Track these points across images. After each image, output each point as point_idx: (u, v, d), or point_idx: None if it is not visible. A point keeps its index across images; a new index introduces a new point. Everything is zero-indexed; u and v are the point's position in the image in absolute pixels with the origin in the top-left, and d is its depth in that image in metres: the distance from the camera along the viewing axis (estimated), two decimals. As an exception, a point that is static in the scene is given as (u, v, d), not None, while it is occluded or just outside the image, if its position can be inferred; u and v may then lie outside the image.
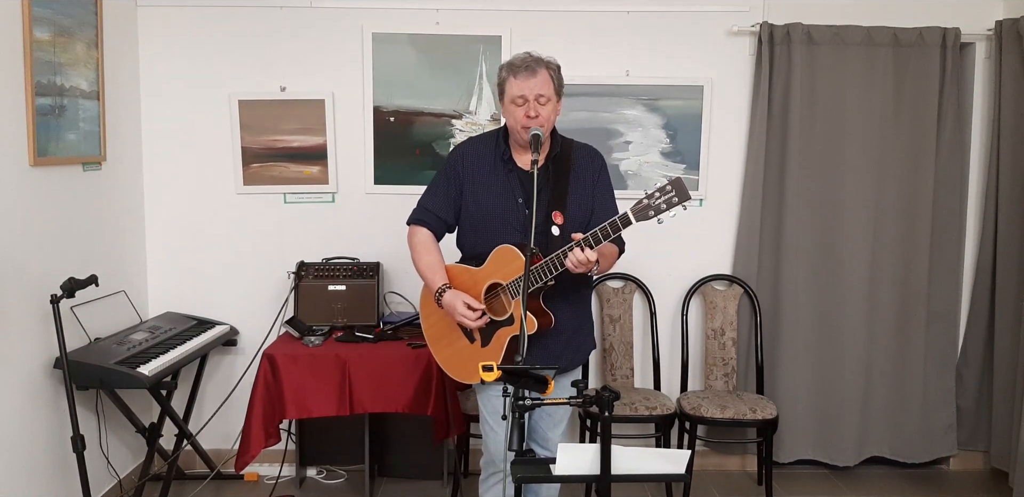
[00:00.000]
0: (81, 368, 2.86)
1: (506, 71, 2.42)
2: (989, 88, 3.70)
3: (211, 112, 3.66)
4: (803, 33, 3.57)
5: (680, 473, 1.82)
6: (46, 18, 2.87)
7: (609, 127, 3.70)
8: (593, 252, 2.19)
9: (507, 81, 2.41)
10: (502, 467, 2.49)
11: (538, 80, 2.37)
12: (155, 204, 3.72)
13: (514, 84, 2.38)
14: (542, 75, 2.38)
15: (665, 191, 2.09)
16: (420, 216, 2.58)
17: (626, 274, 3.72)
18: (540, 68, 2.38)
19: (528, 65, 2.38)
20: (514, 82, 2.38)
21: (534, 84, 2.36)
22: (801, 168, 3.65)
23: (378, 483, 3.68)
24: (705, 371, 3.78)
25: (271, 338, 3.48)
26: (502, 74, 2.43)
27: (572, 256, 2.19)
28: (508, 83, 2.40)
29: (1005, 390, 3.62)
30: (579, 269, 2.21)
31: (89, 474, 2.80)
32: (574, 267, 2.21)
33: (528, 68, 2.37)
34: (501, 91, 2.45)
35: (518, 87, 2.37)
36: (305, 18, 3.64)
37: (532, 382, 1.84)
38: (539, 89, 2.37)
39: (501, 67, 2.46)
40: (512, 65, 2.41)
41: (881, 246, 3.71)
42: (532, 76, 2.36)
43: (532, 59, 2.40)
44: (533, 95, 2.36)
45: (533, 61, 2.39)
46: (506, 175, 2.49)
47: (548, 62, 2.42)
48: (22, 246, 2.79)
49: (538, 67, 2.38)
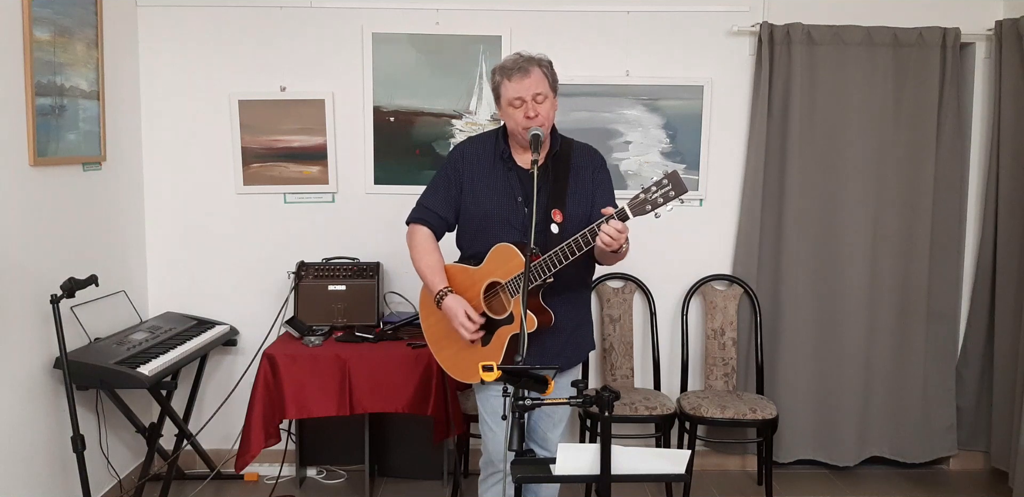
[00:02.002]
0: (81, 368, 2.86)
1: (499, 75, 2.40)
2: (989, 88, 3.70)
3: (211, 112, 3.66)
4: (803, 33, 3.57)
5: (680, 473, 1.82)
6: (46, 18, 2.87)
7: (609, 127, 3.70)
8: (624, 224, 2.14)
9: (502, 84, 2.39)
10: (501, 467, 2.49)
11: (532, 79, 2.36)
12: (155, 204, 3.72)
13: (509, 87, 2.37)
14: (535, 74, 2.37)
15: (662, 185, 2.08)
16: (420, 215, 2.58)
17: (626, 274, 3.72)
18: (532, 67, 2.37)
19: (520, 66, 2.36)
20: (509, 85, 2.37)
21: (529, 84, 2.35)
22: (801, 168, 3.66)
23: (378, 483, 3.68)
24: (705, 371, 3.78)
25: (271, 338, 3.49)
26: (496, 78, 2.42)
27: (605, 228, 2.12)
28: (503, 86, 2.39)
29: (1005, 390, 3.62)
30: (614, 241, 2.13)
31: (89, 474, 2.80)
32: (610, 238, 2.12)
33: (520, 69, 2.36)
34: (497, 95, 2.44)
35: (513, 89, 2.36)
36: (305, 18, 3.64)
37: (532, 382, 1.84)
38: (535, 88, 2.36)
39: (493, 71, 2.44)
40: (504, 68, 2.39)
41: (881, 246, 3.71)
42: (526, 76, 2.35)
43: (523, 59, 2.39)
44: (530, 95, 2.35)
45: (524, 61, 2.38)
46: (506, 174, 2.48)
47: (539, 60, 2.40)
48: (22, 246, 2.79)
49: (530, 66, 2.37)
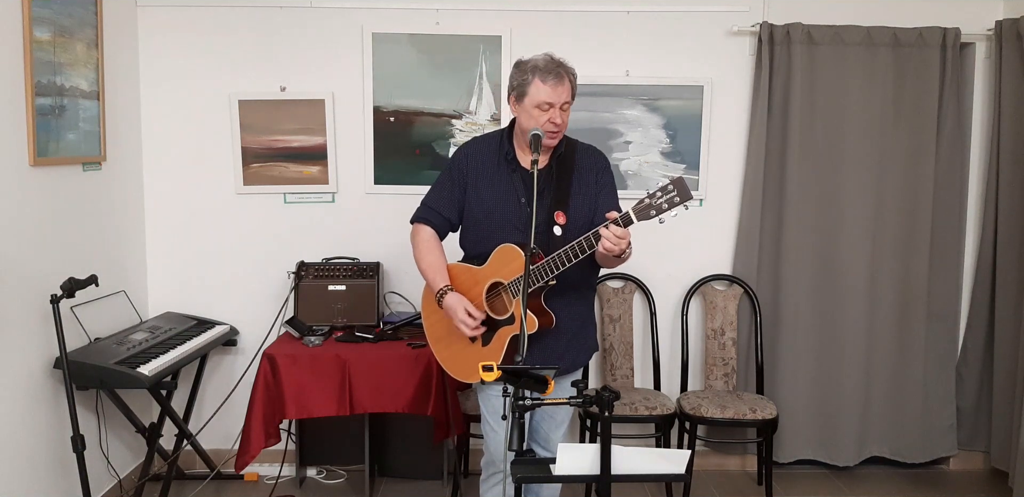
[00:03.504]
0: (81, 368, 2.86)
1: (531, 73, 2.34)
2: (989, 88, 3.70)
3: (211, 112, 3.66)
4: (803, 33, 3.57)
5: (680, 473, 1.82)
6: (46, 18, 2.87)
7: (609, 127, 3.70)
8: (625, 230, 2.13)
9: (532, 83, 2.33)
10: (502, 467, 2.49)
11: (566, 88, 2.35)
12: (155, 204, 3.72)
13: (542, 89, 2.32)
14: (568, 82, 2.36)
15: (667, 190, 2.08)
16: (424, 214, 2.58)
17: (626, 274, 3.72)
18: (566, 75, 2.35)
19: (556, 71, 2.33)
20: (542, 87, 2.32)
21: (563, 92, 2.34)
22: (801, 168, 3.65)
23: (378, 483, 3.68)
24: (705, 371, 3.78)
25: (271, 338, 3.49)
26: (525, 75, 2.35)
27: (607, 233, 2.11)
28: (534, 86, 2.33)
29: (1005, 390, 3.62)
30: (615, 246, 2.12)
31: (89, 474, 2.80)
32: (611, 243, 2.12)
33: (557, 75, 2.33)
34: (521, 92, 2.37)
35: (547, 93, 2.32)
36: (305, 18, 3.64)
37: (532, 382, 1.84)
38: (566, 96, 2.35)
39: (523, 68, 2.37)
40: (538, 68, 2.34)
41: (881, 246, 3.71)
42: (560, 83, 2.33)
43: (556, 64, 2.35)
44: (560, 102, 2.34)
45: (559, 66, 2.35)
46: (509, 175, 2.48)
47: (571, 69, 2.38)
48: (22, 246, 2.79)
49: (565, 73, 2.35)
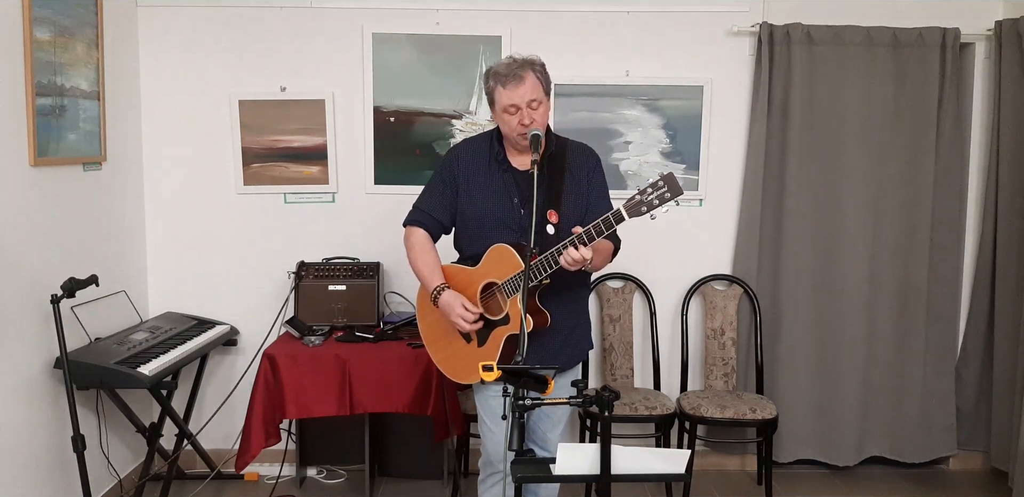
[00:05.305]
0: (81, 368, 2.86)
1: (492, 80, 2.35)
2: (989, 88, 3.70)
3: (211, 112, 3.66)
4: (803, 33, 3.57)
5: (680, 473, 1.82)
6: (46, 18, 2.87)
7: (609, 127, 3.70)
8: (588, 249, 2.18)
9: (495, 90, 2.35)
10: (500, 468, 2.49)
11: (527, 86, 2.32)
12: (155, 204, 3.72)
13: (503, 94, 2.33)
14: (529, 79, 2.32)
15: (657, 186, 2.09)
16: (416, 217, 2.58)
17: (626, 274, 3.72)
18: (526, 72, 2.32)
19: (513, 72, 2.32)
20: (503, 92, 2.33)
21: (524, 91, 2.31)
22: (801, 168, 3.65)
23: (378, 483, 3.68)
24: (705, 371, 3.78)
25: (271, 338, 3.49)
26: (489, 83, 2.37)
27: (566, 254, 2.19)
28: (497, 92, 2.34)
29: (1005, 390, 3.62)
30: (574, 267, 2.21)
31: (89, 474, 2.80)
32: (568, 265, 2.20)
33: (514, 75, 2.31)
34: (491, 100, 2.39)
35: (508, 96, 2.32)
36: (305, 18, 3.64)
37: (532, 382, 1.84)
38: (530, 95, 2.32)
39: (487, 76, 2.39)
40: (497, 73, 2.34)
41: (881, 246, 3.71)
42: (520, 83, 2.31)
43: (516, 64, 2.34)
44: (525, 102, 2.32)
45: (517, 66, 2.33)
46: (501, 175, 2.47)
47: (532, 62, 2.36)
48: (22, 246, 2.79)
49: (524, 72, 2.32)
